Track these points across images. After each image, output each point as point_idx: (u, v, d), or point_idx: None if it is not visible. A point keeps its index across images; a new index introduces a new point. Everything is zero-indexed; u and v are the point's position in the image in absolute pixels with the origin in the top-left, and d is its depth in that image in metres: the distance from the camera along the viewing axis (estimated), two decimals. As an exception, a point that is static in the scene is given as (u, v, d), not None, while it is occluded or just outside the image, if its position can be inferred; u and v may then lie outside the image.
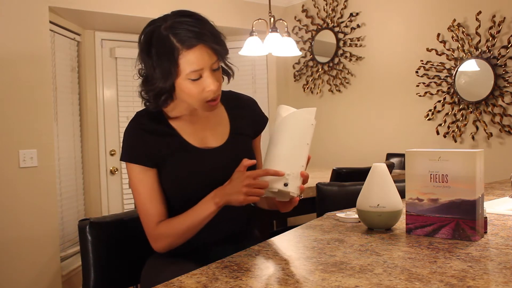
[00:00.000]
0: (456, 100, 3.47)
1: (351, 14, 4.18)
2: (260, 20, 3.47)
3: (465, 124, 3.44)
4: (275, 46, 3.33)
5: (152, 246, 1.37)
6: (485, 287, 0.85)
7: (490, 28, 3.25)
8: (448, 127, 3.54)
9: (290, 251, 1.17)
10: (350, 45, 4.22)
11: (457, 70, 3.43)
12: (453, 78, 3.46)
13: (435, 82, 3.60)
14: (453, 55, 3.47)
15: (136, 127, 1.36)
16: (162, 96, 1.33)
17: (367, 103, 4.13)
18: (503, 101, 3.23)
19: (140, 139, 1.35)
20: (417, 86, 3.72)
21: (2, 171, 2.92)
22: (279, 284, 0.91)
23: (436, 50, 3.56)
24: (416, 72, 3.71)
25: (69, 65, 3.71)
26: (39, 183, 3.10)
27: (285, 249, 1.18)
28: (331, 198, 2.06)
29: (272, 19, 3.44)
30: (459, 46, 3.42)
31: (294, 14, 4.67)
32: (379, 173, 1.34)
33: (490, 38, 3.25)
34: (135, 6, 3.69)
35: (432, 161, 1.23)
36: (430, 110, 3.64)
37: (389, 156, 3.75)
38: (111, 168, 4.03)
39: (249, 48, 3.39)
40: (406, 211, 1.27)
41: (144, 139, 1.35)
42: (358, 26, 4.15)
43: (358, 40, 4.16)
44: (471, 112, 3.40)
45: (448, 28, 3.48)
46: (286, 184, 1.24)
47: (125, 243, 1.52)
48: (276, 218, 3.54)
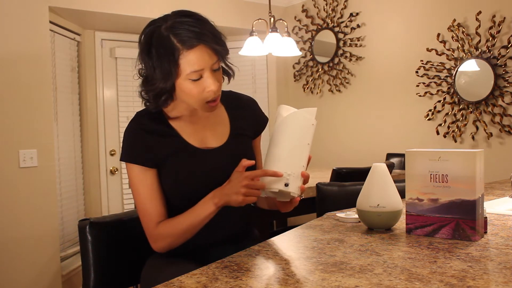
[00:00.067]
0: (456, 100, 3.47)
1: (351, 14, 4.18)
2: (260, 20, 3.47)
3: (465, 124, 3.44)
4: (275, 46, 3.33)
5: (152, 246, 1.37)
6: (485, 287, 0.85)
7: (490, 28, 3.25)
8: (448, 127, 3.54)
9: (290, 251, 1.17)
10: (350, 45, 4.22)
11: (457, 70, 3.43)
12: (453, 78, 3.46)
13: (435, 82, 3.60)
14: (453, 55, 3.47)
15: (136, 127, 1.36)
16: (162, 96, 1.33)
17: (367, 103, 4.13)
18: (503, 101, 3.23)
19: (140, 139, 1.35)
20: (417, 86, 3.72)
21: (2, 171, 2.92)
22: (279, 284, 0.91)
23: (436, 50, 3.56)
24: (416, 72, 3.71)
25: (69, 65, 3.71)
26: (39, 183, 3.10)
27: (285, 249, 1.18)
28: (331, 198, 2.06)
29: (272, 19, 3.44)
30: (459, 46, 3.42)
31: (294, 14, 4.68)
32: (379, 173, 1.34)
33: (490, 38, 3.25)
34: (135, 6, 3.69)
35: (432, 161, 1.23)
36: (430, 110, 3.65)
37: (389, 156, 3.75)
38: (111, 168, 4.03)
39: (249, 48, 3.38)
40: (406, 211, 1.27)
41: (144, 139, 1.35)
42: (358, 26, 4.15)
43: (358, 40, 4.16)
44: (471, 112, 3.40)
45: (448, 28, 3.48)
46: (287, 184, 1.24)
47: (125, 243, 1.52)
48: (276, 218, 3.54)
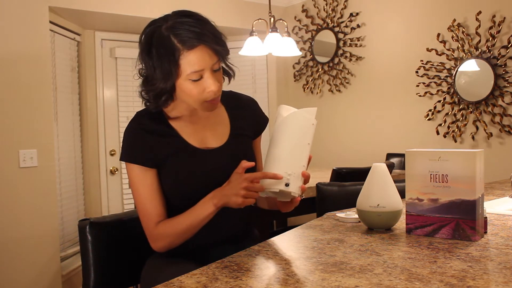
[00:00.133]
0: (456, 100, 3.47)
1: (351, 14, 4.18)
2: (260, 20, 3.47)
3: (465, 124, 3.44)
4: (275, 46, 3.33)
5: (151, 246, 1.37)
6: (485, 287, 0.85)
7: (490, 28, 3.25)
8: (448, 127, 3.54)
9: (290, 251, 1.17)
10: (350, 45, 4.22)
11: (457, 70, 3.43)
12: (453, 78, 3.46)
13: (435, 82, 3.60)
14: (453, 55, 3.47)
15: (136, 127, 1.36)
16: (162, 97, 1.33)
17: (367, 103, 4.13)
18: (503, 101, 3.23)
19: (140, 139, 1.35)
20: (417, 86, 3.72)
21: (2, 171, 2.92)
22: (279, 284, 0.91)
23: (436, 50, 3.56)
24: (416, 72, 3.71)
25: (69, 65, 3.71)
26: (39, 183, 3.10)
27: (285, 249, 1.18)
28: (331, 198, 2.06)
29: (272, 19, 3.44)
30: (459, 46, 3.42)
31: (294, 14, 4.68)
32: (379, 173, 1.34)
33: (490, 38, 3.25)
34: (135, 6, 3.69)
35: (432, 161, 1.23)
36: (430, 110, 3.64)
37: (389, 156, 3.75)
38: (111, 168, 4.03)
39: (249, 48, 3.38)
40: (406, 211, 1.27)
41: (144, 139, 1.35)
42: (358, 26, 4.15)
43: (358, 40, 4.16)
44: (471, 112, 3.40)
45: (448, 28, 3.48)
46: (287, 184, 1.24)
47: (125, 243, 1.52)
48: (276, 218, 3.54)
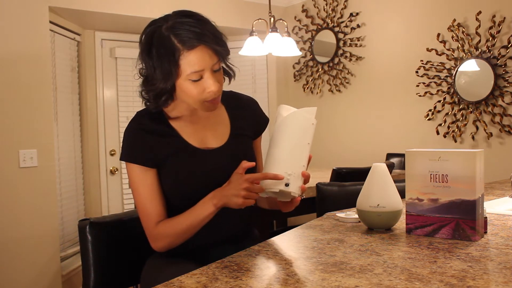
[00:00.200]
0: (456, 100, 3.47)
1: (351, 14, 4.18)
2: (260, 20, 3.47)
3: (465, 124, 3.44)
4: (275, 46, 3.33)
5: (151, 246, 1.37)
6: (485, 287, 0.85)
7: (490, 28, 3.25)
8: (448, 127, 3.54)
9: (290, 251, 1.17)
10: (350, 45, 4.22)
11: (457, 70, 3.43)
12: (453, 78, 3.46)
13: (435, 82, 3.60)
14: (453, 55, 3.47)
15: (136, 127, 1.36)
16: (162, 97, 1.33)
17: (367, 103, 4.13)
18: (503, 101, 3.23)
19: (140, 139, 1.35)
20: (417, 86, 3.72)
21: (2, 171, 2.92)
22: (279, 284, 0.91)
23: (436, 50, 3.56)
24: (416, 72, 3.71)
25: (69, 65, 3.71)
26: (39, 183, 3.10)
27: (285, 249, 1.18)
28: (331, 198, 2.06)
29: (272, 19, 3.44)
30: (459, 46, 3.42)
31: (294, 14, 4.67)
32: (379, 173, 1.34)
33: (490, 38, 3.25)
34: (135, 6, 3.69)
35: (432, 161, 1.23)
36: (430, 110, 3.64)
37: (389, 156, 3.75)
38: (111, 168, 4.03)
39: (249, 48, 3.38)
40: (406, 211, 1.27)
41: (144, 139, 1.35)
42: (358, 26, 4.15)
43: (358, 40, 4.16)
44: (471, 112, 3.40)
45: (448, 28, 3.48)
46: (287, 184, 1.24)
47: (125, 243, 1.52)
48: (276, 218, 3.54)
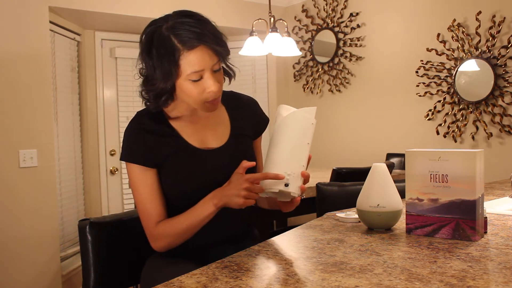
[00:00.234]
0: (456, 100, 3.47)
1: (351, 14, 4.17)
2: (260, 20, 3.47)
3: (465, 124, 3.44)
4: (275, 46, 3.33)
5: (151, 246, 1.37)
6: (485, 287, 0.85)
7: (490, 28, 3.25)
8: (448, 127, 3.54)
9: (290, 251, 1.17)
10: (350, 45, 4.22)
11: (457, 70, 3.43)
12: (453, 78, 3.46)
13: (435, 82, 3.60)
14: (453, 55, 3.47)
15: (137, 127, 1.36)
16: (162, 96, 1.33)
17: (367, 103, 4.13)
18: (503, 101, 3.23)
19: (140, 139, 1.35)
20: (417, 86, 3.72)
21: (2, 171, 2.92)
22: (279, 284, 0.91)
23: (436, 50, 3.56)
24: (416, 72, 3.71)
25: (69, 65, 3.71)
26: (39, 183, 3.10)
27: (285, 249, 1.18)
28: (331, 198, 2.06)
29: (272, 19, 3.44)
30: (459, 46, 3.42)
31: (294, 14, 4.67)
32: (379, 173, 1.34)
33: (490, 38, 3.25)
34: (135, 6, 3.69)
35: (432, 161, 1.23)
36: (430, 110, 3.64)
37: (389, 156, 3.75)
38: (111, 168, 4.03)
39: (249, 48, 3.38)
40: (406, 211, 1.27)
41: (144, 139, 1.35)
42: (358, 26, 4.15)
43: (358, 40, 4.16)
44: (471, 112, 3.40)
45: (448, 28, 3.48)
46: (287, 185, 1.24)
47: (125, 243, 1.52)
48: (276, 218, 3.54)
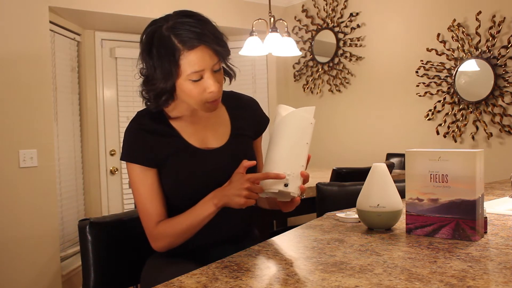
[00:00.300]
0: (456, 100, 3.47)
1: (351, 14, 4.17)
2: (260, 20, 3.47)
3: (465, 124, 3.44)
4: (275, 46, 3.33)
5: (151, 246, 1.37)
6: (485, 287, 0.85)
7: (490, 28, 3.25)
8: (448, 127, 3.54)
9: (290, 251, 1.17)
10: (350, 45, 4.22)
11: (457, 70, 3.43)
12: (453, 78, 3.46)
13: (435, 82, 3.60)
14: (453, 55, 3.47)
15: (137, 127, 1.36)
16: (162, 96, 1.33)
17: (367, 103, 4.13)
18: (503, 101, 3.23)
19: (141, 139, 1.35)
20: (417, 86, 3.72)
21: (2, 171, 2.92)
22: (279, 284, 0.91)
23: (436, 50, 3.56)
24: (416, 72, 3.71)
25: (69, 65, 3.71)
26: (39, 183, 3.09)
27: (285, 249, 1.18)
28: (331, 198, 2.06)
29: (272, 19, 3.44)
30: (459, 46, 3.42)
31: (294, 14, 4.67)
32: (379, 173, 1.34)
33: (490, 38, 3.25)
34: (135, 6, 3.69)
35: (432, 161, 1.23)
36: (430, 110, 3.64)
37: (389, 156, 3.75)
38: (111, 168, 4.03)
39: (249, 48, 3.38)
40: (406, 211, 1.27)
41: (145, 139, 1.35)
42: (358, 26, 4.15)
43: (358, 40, 4.16)
44: (471, 112, 3.40)
45: (448, 28, 3.48)
46: (286, 185, 1.24)
47: (125, 243, 1.52)
48: (276, 218, 3.54)
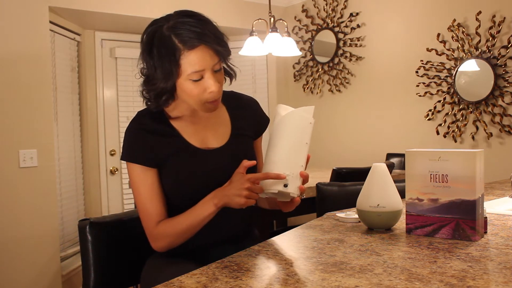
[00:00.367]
0: (456, 100, 3.47)
1: (351, 14, 4.17)
2: (260, 20, 3.47)
3: (465, 124, 3.44)
4: (275, 46, 3.33)
5: (151, 246, 1.37)
6: (485, 287, 0.85)
7: (490, 28, 3.25)
8: (448, 127, 3.54)
9: (290, 251, 1.17)
10: (350, 45, 4.22)
11: (457, 70, 3.43)
12: (453, 78, 3.46)
13: (435, 82, 3.60)
14: (453, 55, 3.47)
15: (137, 127, 1.36)
16: (163, 96, 1.33)
17: (367, 103, 4.13)
18: (503, 101, 3.23)
19: (141, 138, 1.35)
20: (417, 86, 3.72)
21: (2, 171, 2.92)
22: (279, 284, 0.91)
23: (436, 50, 3.56)
24: (416, 72, 3.71)
25: (69, 65, 3.71)
26: (39, 183, 3.09)
27: (285, 249, 1.18)
28: (331, 198, 2.06)
29: (272, 19, 3.44)
30: (459, 46, 3.42)
31: (294, 14, 4.67)
32: (379, 173, 1.34)
33: (490, 38, 3.25)
34: (135, 6, 3.69)
35: (432, 161, 1.23)
36: (430, 110, 3.64)
37: (389, 156, 3.75)
38: (111, 168, 4.03)
39: (249, 48, 3.38)
40: (406, 211, 1.27)
41: (145, 139, 1.35)
42: (358, 26, 4.15)
43: (358, 40, 4.16)
44: (471, 112, 3.40)
45: (448, 28, 3.48)
46: (286, 185, 1.24)
47: (125, 243, 1.52)
48: (276, 218, 3.54)
